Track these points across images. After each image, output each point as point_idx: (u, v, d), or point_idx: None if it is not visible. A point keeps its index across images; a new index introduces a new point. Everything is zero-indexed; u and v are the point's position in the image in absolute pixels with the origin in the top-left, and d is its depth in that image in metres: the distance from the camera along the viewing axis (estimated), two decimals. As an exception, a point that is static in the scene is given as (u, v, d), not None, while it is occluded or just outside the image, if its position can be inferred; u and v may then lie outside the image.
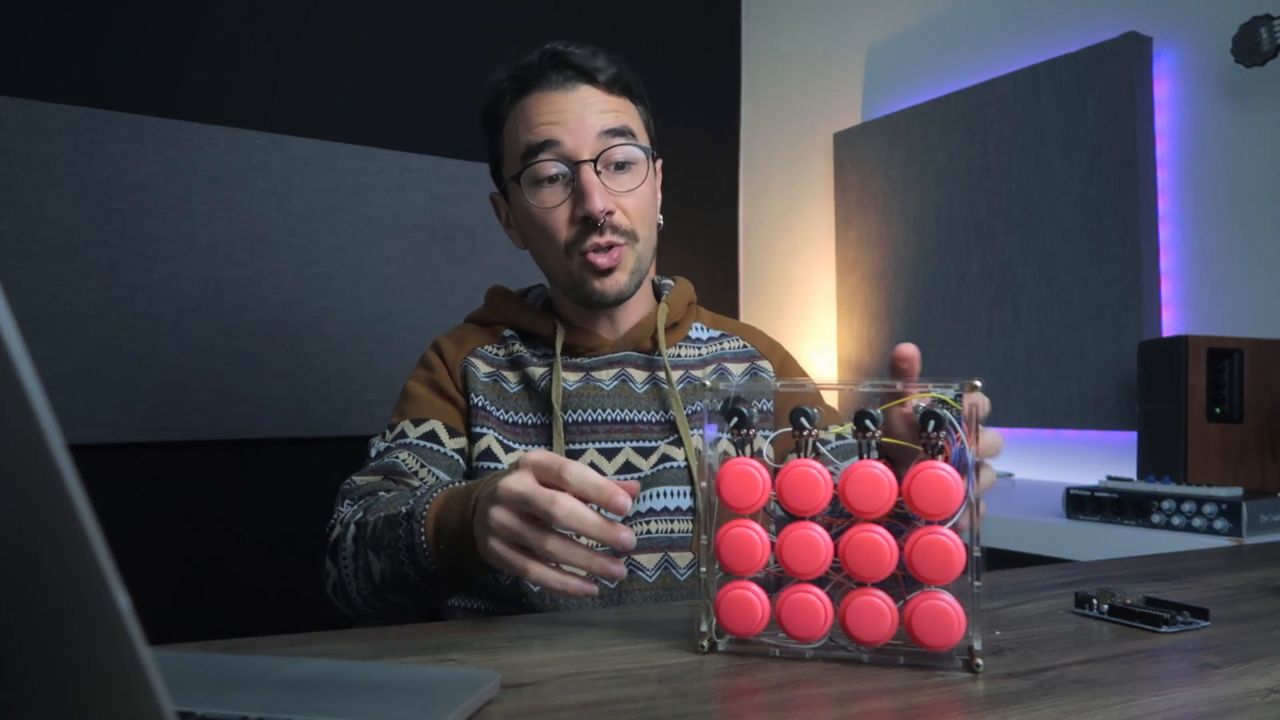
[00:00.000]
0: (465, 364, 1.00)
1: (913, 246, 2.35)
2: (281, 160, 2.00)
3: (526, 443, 0.97)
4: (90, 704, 0.27)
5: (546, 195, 0.94)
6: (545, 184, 0.94)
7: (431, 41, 2.25)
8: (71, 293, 1.78)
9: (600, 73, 0.95)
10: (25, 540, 0.25)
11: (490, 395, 0.98)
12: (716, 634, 0.61)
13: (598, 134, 0.93)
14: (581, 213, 0.93)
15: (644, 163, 0.97)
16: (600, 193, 0.92)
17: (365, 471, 0.95)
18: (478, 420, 0.97)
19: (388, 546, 0.77)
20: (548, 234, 0.96)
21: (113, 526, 0.39)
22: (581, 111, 0.93)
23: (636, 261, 0.97)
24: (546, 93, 0.94)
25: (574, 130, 0.93)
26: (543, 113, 0.94)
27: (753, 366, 1.06)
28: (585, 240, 0.94)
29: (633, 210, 0.95)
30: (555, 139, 0.93)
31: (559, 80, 0.94)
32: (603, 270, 0.94)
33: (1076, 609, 0.72)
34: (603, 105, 0.95)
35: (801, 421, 0.59)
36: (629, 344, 1.01)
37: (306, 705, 0.46)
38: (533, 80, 0.95)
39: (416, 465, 0.94)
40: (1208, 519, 1.29)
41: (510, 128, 0.97)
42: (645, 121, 1.02)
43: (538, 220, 0.95)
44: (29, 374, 0.23)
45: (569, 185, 0.94)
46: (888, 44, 2.50)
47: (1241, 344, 1.55)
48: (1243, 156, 1.76)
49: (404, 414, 0.99)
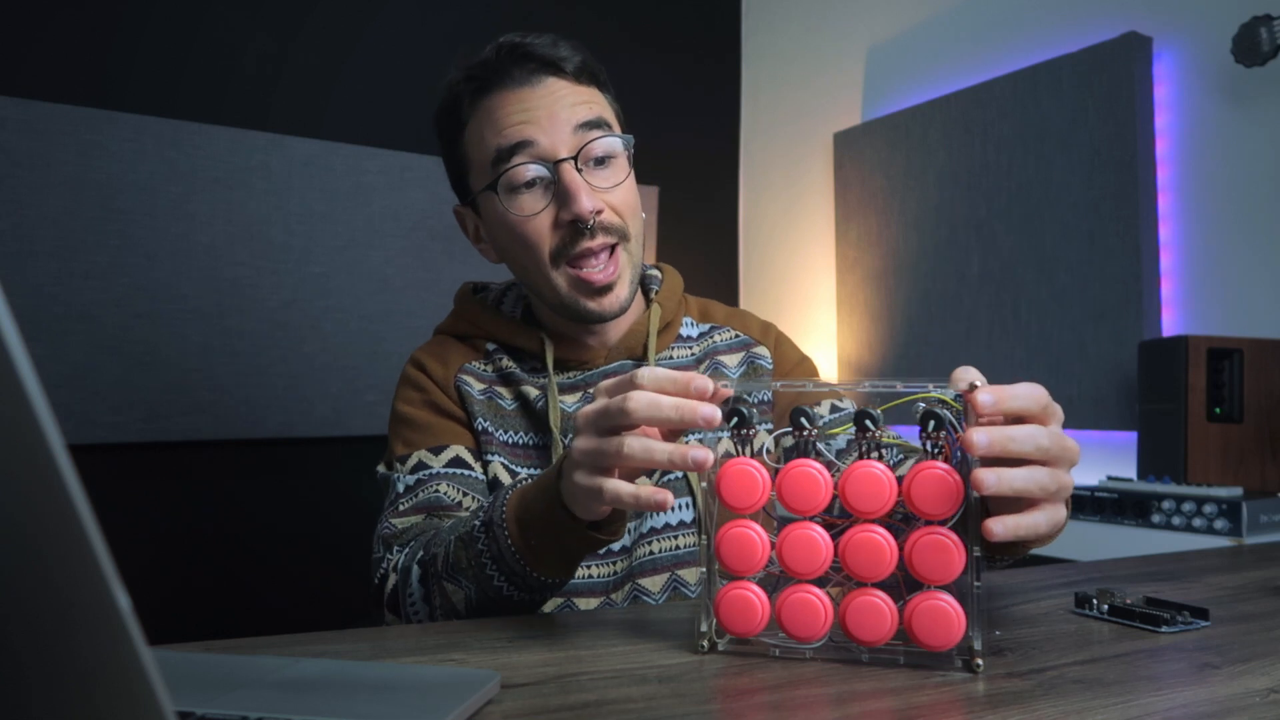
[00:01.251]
0: (458, 382, 0.93)
1: (913, 246, 2.35)
2: (281, 160, 2.00)
3: (528, 464, 0.91)
4: (90, 704, 0.27)
5: (526, 202, 0.86)
6: (523, 190, 0.86)
7: (431, 41, 2.25)
8: (71, 293, 1.78)
9: (566, 62, 0.88)
10: (25, 540, 0.25)
11: (490, 416, 0.92)
12: (716, 634, 0.61)
13: (573, 129, 0.86)
14: (568, 216, 0.85)
15: (623, 154, 0.90)
16: (586, 192, 0.85)
17: (402, 512, 0.86)
18: (484, 445, 0.90)
19: (469, 568, 0.72)
20: (529, 245, 0.87)
21: (113, 526, 0.39)
22: (552, 106, 0.86)
23: (633, 267, 0.91)
24: (511, 90, 0.86)
25: (547, 128, 0.85)
26: (510, 112, 0.86)
27: (748, 355, 1.01)
28: (574, 246, 0.86)
29: (621, 206, 0.89)
30: (528, 139, 0.85)
31: (522, 75, 0.86)
32: (599, 288, 0.87)
33: (1076, 609, 0.72)
34: (573, 97, 0.87)
35: (801, 421, 0.59)
36: (622, 352, 0.95)
37: (306, 705, 0.46)
38: (493, 78, 0.87)
39: (459, 495, 0.86)
40: (1208, 519, 1.29)
41: (474, 133, 0.89)
42: (616, 110, 0.94)
43: (517, 230, 0.87)
44: (29, 374, 0.23)
45: (549, 188, 0.86)
46: (888, 44, 2.50)
47: (1241, 344, 1.55)
48: (1243, 156, 1.76)
49: (412, 443, 0.91)
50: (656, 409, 0.58)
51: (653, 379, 0.60)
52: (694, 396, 0.59)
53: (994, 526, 0.53)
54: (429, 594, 0.76)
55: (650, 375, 0.60)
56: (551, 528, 0.67)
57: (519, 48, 0.87)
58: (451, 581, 0.73)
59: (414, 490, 0.88)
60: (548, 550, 0.68)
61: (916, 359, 2.33)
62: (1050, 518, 0.56)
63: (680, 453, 0.58)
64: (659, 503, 0.60)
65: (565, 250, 0.87)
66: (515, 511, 0.70)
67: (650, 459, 0.59)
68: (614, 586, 0.89)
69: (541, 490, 0.68)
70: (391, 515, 0.87)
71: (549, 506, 0.67)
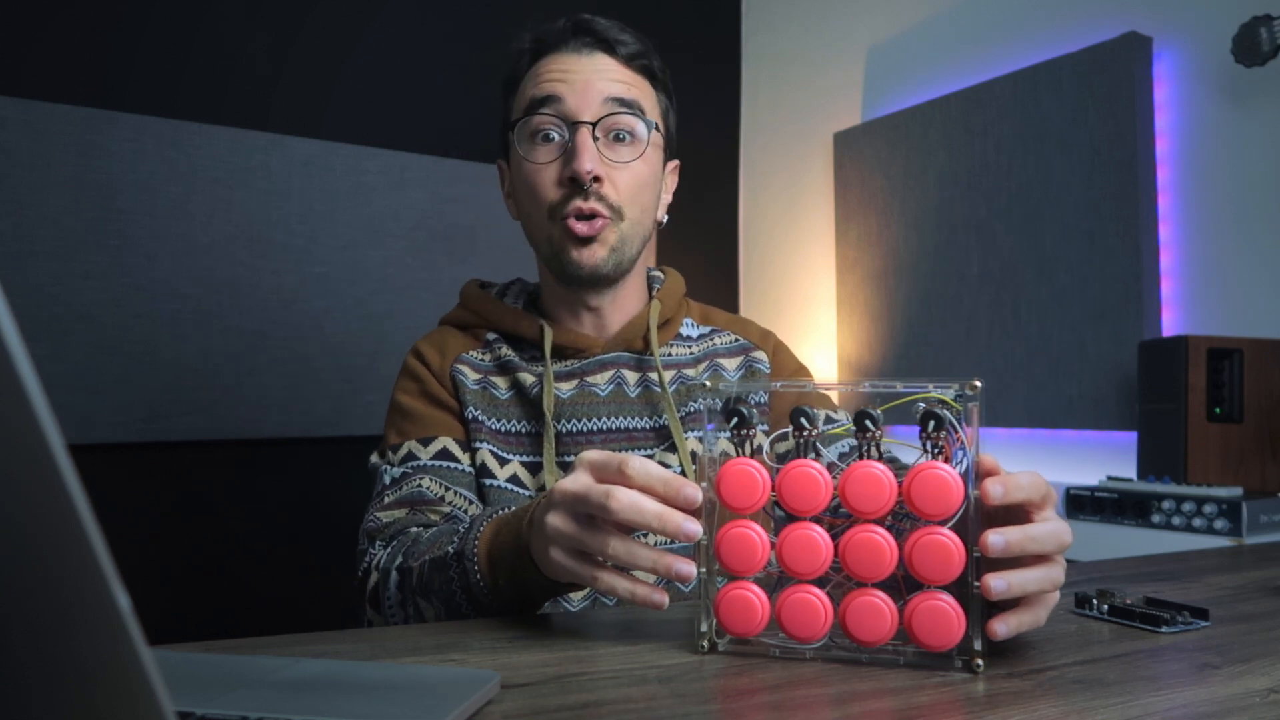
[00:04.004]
0: (453, 371, 0.96)
1: (913, 246, 2.35)
2: (281, 160, 2.00)
3: (519, 452, 0.93)
4: (90, 704, 0.27)
5: (539, 151, 0.91)
6: (540, 141, 0.91)
7: (431, 41, 2.25)
8: (71, 293, 1.78)
9: (622, 45, 0.93)
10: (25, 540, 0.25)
11: (481, 404, 0.94)
12: (716, 634, 0.61)
13: (603, 99, 0.90)
14: (569, 172, 0.89)
15: (646, 141, 0.93)
16: (591, 155, 0.89)
17: (386, 505, 0.89)
18: (472, 433, 0.93)
19: (439, 591, 0.74)
20: (534, 193, 0.92)
21: (113, 526, 0.39)
22: (590, 75, 0.91)
23: (620, 240, 0.92)
24: (561, 54, 0.92)
25: (579, 90, 0.90)
26: (552, 70, 0.92)
27: (747, 360, 1.03)
28: (569, 202, 0.90)
29: (623, 186, 0.92)
30: (558, 95, 0.90)
31: (576, 45, 0.92)
32: (581, 238, 0.90)
33: (1076, 609, 0.72)
34: (615, 74, 0.92)
35: (801, 422, 0.59)
36: (620, 344, 0.98)
37: (306, 705, 0.46)
38: (552, 43, 0.93)
39: (441, 490, 0.89)
40: (1208, 519, 1.29)
41: (521, 90, 0.95)
42: (663, 109, 0.98)
43: (528, 179, 0.92)
44: (29, 374, 0.23)
45: (563, 148, 0.91)
46: (888, 44, 2.50)
47: (1241, 344, 1.55)
48: (1243, 156, 1.76)
49: (405, 433, 0.94)
50: (639, 513, 0.58)
51: (643, 475, 0.58)
52: (680, 505, 0.58)
53: (998, 628, 0.55)
54: (404, 601, 0.78)
55: (641, 470, 0.59)
56: (519, 574, 0.68)
57: (584, 22, 0.93)
58: (424, 599, 0.76)
59: (399, 483, 0.90)
60: (514, 590, 0.70)
61: (916, 359, 2.33)
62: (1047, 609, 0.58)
63: (665, 563, 0.59)
64: (655, 604, 0.60)
65: (562, 206, 0.91)
66: (487, 547, 0.71)
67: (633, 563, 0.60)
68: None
69: (513, 536, 0.68)
70: (377, 508, 0.89)
71: (517, 554, 0.68)
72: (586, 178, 0.89)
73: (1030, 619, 0.57)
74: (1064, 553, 0.57)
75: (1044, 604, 0.58)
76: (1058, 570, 0.57)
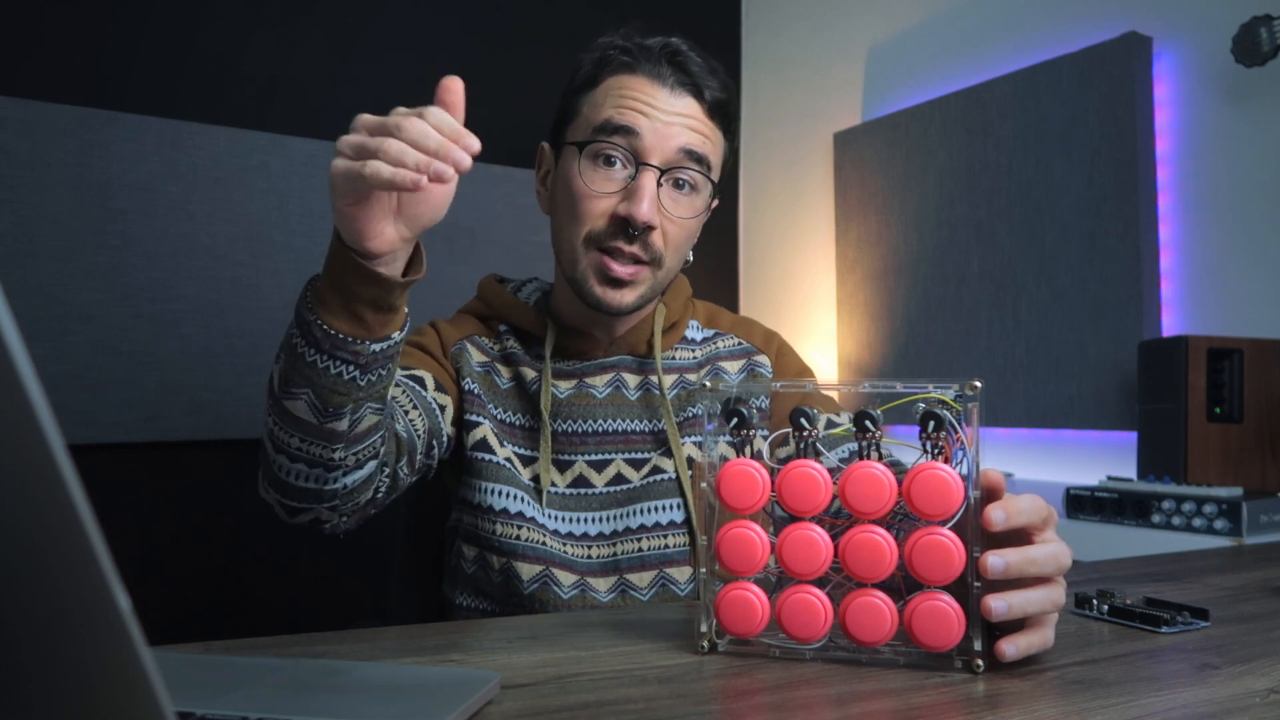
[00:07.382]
0: (460, 345, 0.97)
1: (913, 246, 2.35)
2: (281, 160, 2.00)
3: (515, 443, 0.94)
4: (90, 704, 0.27)
5: (599, 176, 0.89)
6: (602, 165, 0.90)
7: (432, 41, 2.25)
8: (71, 293, 1.78)
9: (709, 91, 0.92)
10: (25, 540, 0.25)
11: (482, 384, 0.95)
12: (716, 635, 0.61)
13: (678, 148, 0.90)
14: (624, 212, 0.88)
15: (704, 197, 0.94)
16: (652, 203, 0.88)
17: None
18: (472, 407, 0.93)
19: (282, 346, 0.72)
20: (577, 214, 0.90)
21: (113, 526, 0.39)
22: (672, 118, 0.90)
23: (651, 288, 0.93)
24: (650, 82, 0.90)
25: (659, 133, 0.89)
26: (638, 97, 0.90)
27: (749, 363, 1.04)
28: (613, 239, 0.89)
29: (672, 237, 0.92)
30: (636, 130, 0.88)
31: (668, 78, 0.91)
32: (614, 280, 0.90)
33: (1077, 609, 0.72)
34: (696, 124, 0.91)
35: (801, 422, 0.59)
36: (624, 347, 0.99)
37: (306, 705, 0.46)
38: (644, 63, 0.91)
39: (408, 405, 0.86)
40: (1208, 519, 1.29)
41: (599, 94, 0.92)
42: (725, 159, 0.98)
43: (577, 196, 0.90)
44: (29, 374, 0.23)
45: (625, 184, 0.89)
46: (888, 44, 2.50)
47: (1241, 344, 1.55)
48: (1243, 156, 1.76)
49: None
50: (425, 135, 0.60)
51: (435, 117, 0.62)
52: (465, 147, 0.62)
53: (1007, 649, 0.56)
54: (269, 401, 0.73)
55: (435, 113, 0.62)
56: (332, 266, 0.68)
57: (679, 55, 0.92)
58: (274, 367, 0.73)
59: None
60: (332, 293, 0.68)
61: (916, 359, 2.33)
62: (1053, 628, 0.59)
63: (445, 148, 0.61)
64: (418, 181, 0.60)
65: (602, 238, 0.90)
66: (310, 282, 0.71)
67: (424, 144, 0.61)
68: (593, 571, 0.92)
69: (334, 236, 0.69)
70: None
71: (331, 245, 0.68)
72: (641, 225, 0.88)
73: (1039, 640, 0.58)
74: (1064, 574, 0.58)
75: (1049, 623, 0.58)
76: (1058, 591, 0.57)
